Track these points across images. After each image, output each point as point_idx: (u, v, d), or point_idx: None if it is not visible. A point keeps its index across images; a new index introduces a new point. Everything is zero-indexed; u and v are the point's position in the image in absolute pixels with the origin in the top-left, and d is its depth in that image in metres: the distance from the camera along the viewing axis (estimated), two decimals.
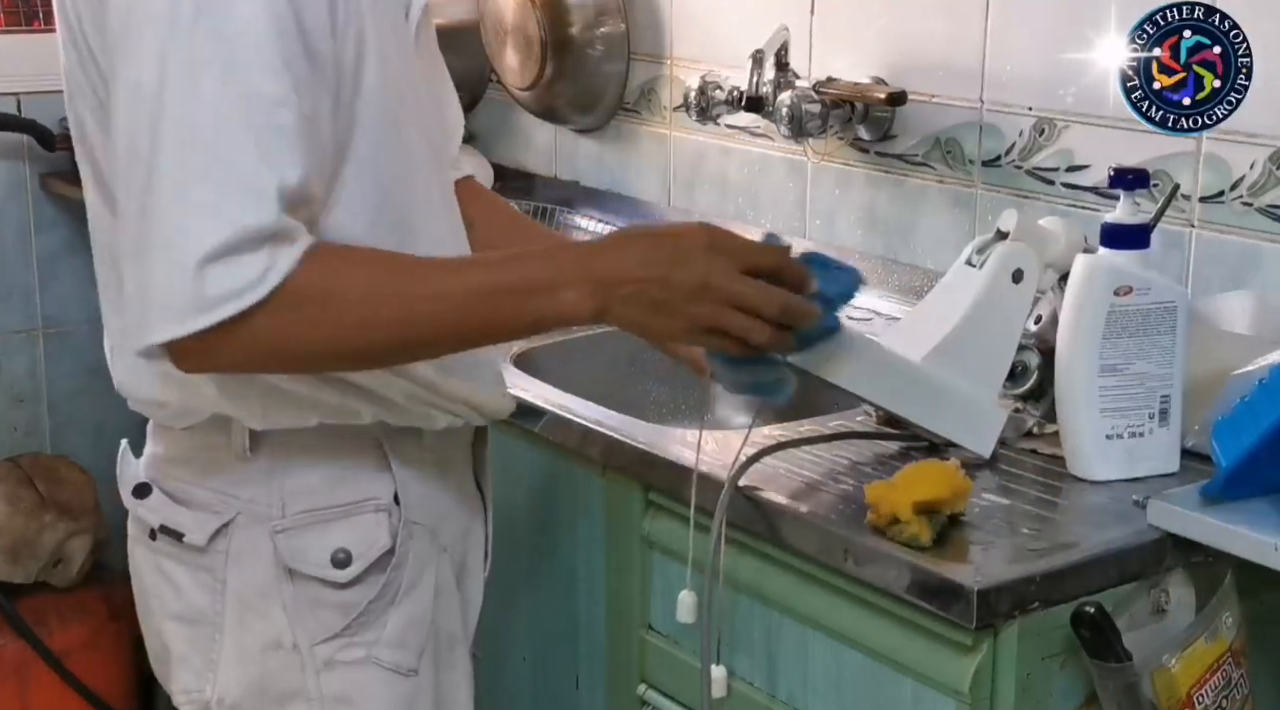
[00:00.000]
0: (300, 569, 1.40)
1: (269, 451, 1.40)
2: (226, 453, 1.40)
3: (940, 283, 1.67)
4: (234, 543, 1.41)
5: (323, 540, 1.40)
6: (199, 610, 1.43)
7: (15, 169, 2.89)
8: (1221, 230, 1.80)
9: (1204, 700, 1.40)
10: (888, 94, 2.11)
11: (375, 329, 1.26)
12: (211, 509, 1.41)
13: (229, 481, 1.41)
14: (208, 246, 1.19)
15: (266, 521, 1.40)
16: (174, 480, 1.44)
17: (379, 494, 1.42)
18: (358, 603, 1.42)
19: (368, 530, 1.42)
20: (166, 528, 1.43)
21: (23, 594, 2.70)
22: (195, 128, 1.21)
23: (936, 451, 1.58)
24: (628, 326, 1.29)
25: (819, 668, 1.51)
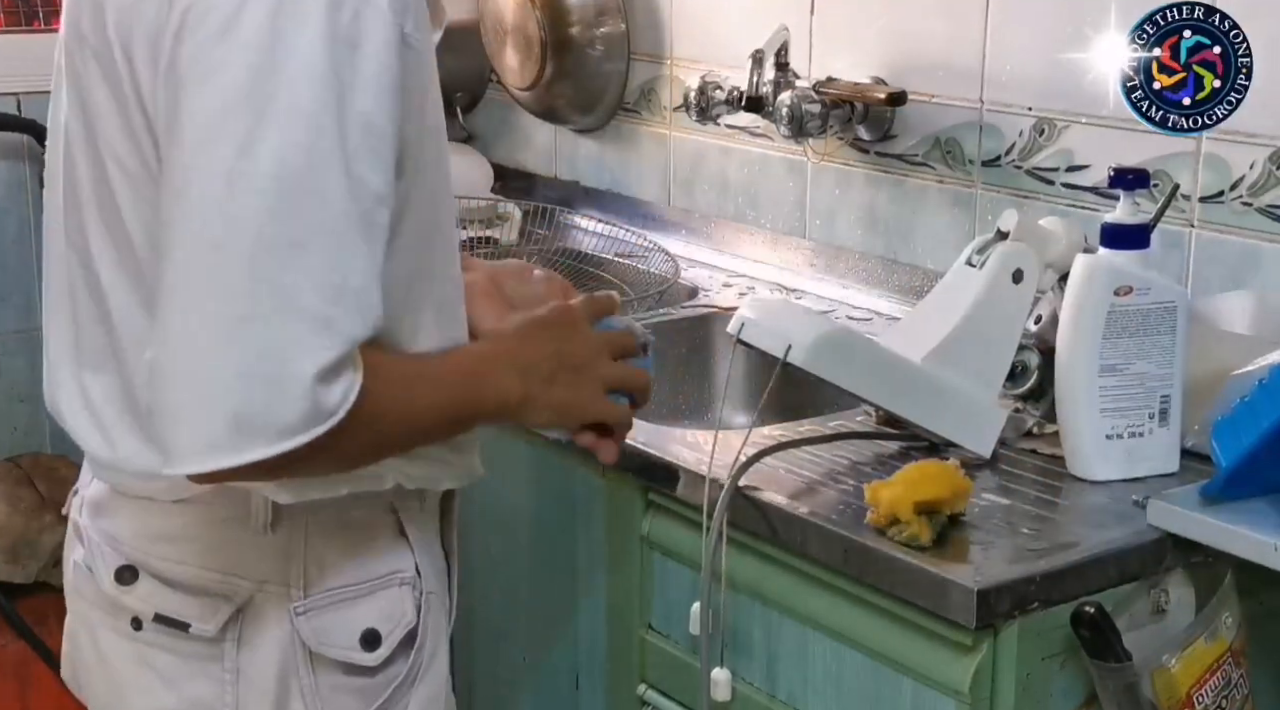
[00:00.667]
0: (326, 653, 1.28)
1: (288, 525, 1.27)
2: (240, 529, 1.27)
3: (940, 283, 1.67)
4: (246, 628, 1.28)
5: (349, 620, 1.29)
6: (204, 703, 1.29)
7: (15, 169, 2.89)
8: (1221, 230, 1.80)
9: (1204, 700, 1.40)
10: (888, 94, 2.11)
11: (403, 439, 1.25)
12: (220, 594, 1.27)
13: (239, 561, 1.27)
14: (323, 362, 1.09)
15: (286, 603, 1.27)
16: (164, 561, 1.28)
17: (402, 567, 1.32)
18: (383, 686, 1.31)
19: (394, 606, 1.31)
20: (164, 617, 1.28)
21: (23, 594, 2.70)
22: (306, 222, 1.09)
23: (936, 451, 1.58)
24: (547, 409, 1.31)
25: (819, 668, 1.51)
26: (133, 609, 1.30)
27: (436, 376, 1.26)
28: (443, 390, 1.26)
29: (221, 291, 1.09)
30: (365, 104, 1.11)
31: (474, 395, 1.28)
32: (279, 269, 1.09)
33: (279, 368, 1.09)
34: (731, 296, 2.30)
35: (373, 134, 1.12)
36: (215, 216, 1.09)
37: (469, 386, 1.28)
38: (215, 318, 1.09)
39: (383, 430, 1.19)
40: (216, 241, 1.09)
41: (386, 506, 1.32)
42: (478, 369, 1.30)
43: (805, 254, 2.32)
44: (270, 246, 1.08)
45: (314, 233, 1.09)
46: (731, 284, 2.35)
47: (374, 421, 1.17)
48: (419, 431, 1.25)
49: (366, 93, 1.11)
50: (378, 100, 1.12)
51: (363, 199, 1.11)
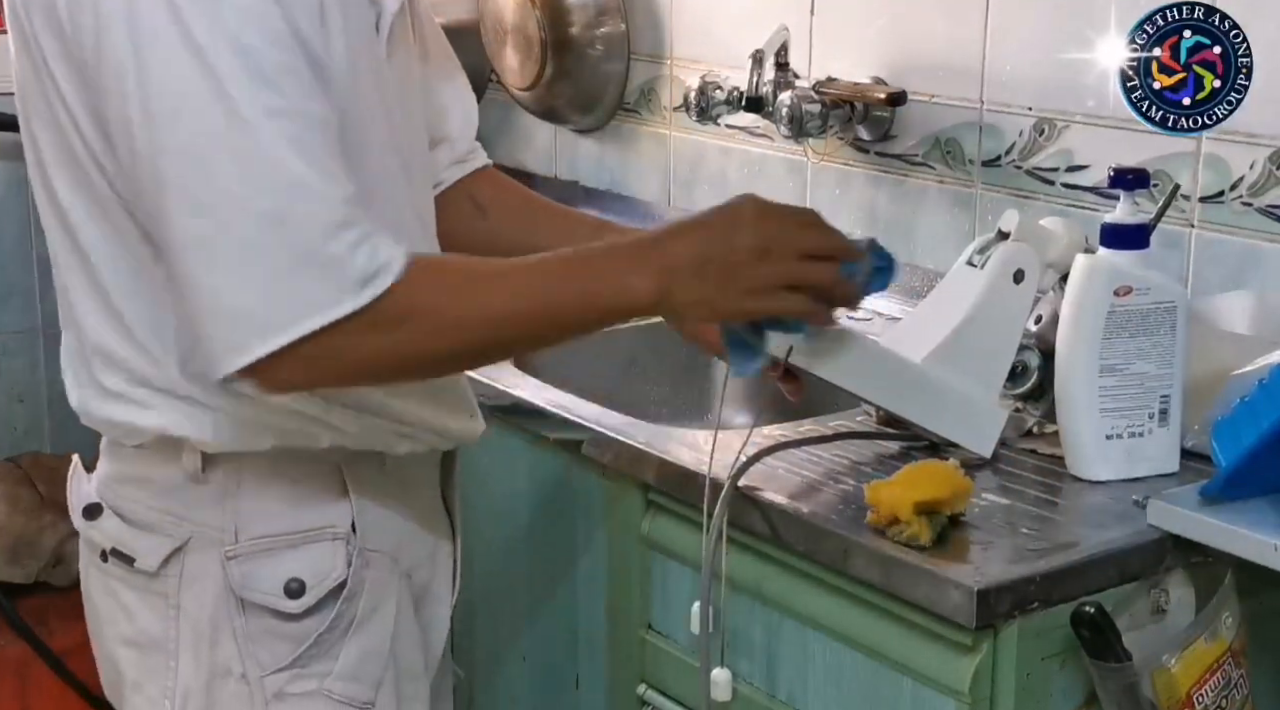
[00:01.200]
0: (251, 598, 1.35)
1: (222, 474, 1.35)
2: (179, 474, 1.36)
3: (941, 283, 1.67)
4: (187, 568, 1.36)
5: (275, 569, 1.36)
6: (152, 636, 1.39)
7: (15, 169, 2.88)
8: (1221, 230, 1.80)
9: (1204, 700, 1.40)
10: (888, 94, 2.11)
11: (465, 337, 1.26)
12: (164, 532, 1.36)
13: (181, 504, 1.36)
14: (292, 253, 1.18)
15: (219, 547, 1.35)
16: (126, 501, 1.40)
17: (336, 522, 1.38)
18: (309, 633, 1.37)
19: (322, 559, 1.37)
20: (118, 551, 1.39)
21: (23, 594, 2.70)
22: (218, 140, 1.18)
23: (937, 451, 1.58)
24: (692, 307, 1.29)
25: (819, 668, 1.51)
26: (97, 542, 1.41)
27: (524, 271, 1.27)
28: (530, 287, 1.27)
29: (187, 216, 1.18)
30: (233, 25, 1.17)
31: (581, 294, 1.27)
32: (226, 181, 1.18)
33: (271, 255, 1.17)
34: None
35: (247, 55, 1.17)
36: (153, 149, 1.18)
37: (573, 284, 1.27)
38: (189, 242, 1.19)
39: (414, 331, 1.22)
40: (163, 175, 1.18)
41: (331, 465, 1.37)
42: (592, 267, 1.29)
43: None
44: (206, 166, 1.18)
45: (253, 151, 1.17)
46: None
47: (405, 319, 1.20)
48: (496, 326, 1.25)
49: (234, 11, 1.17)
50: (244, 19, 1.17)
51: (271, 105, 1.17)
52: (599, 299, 1.28)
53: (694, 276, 1.27)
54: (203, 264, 1.19)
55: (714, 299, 1.29)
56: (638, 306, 1.28)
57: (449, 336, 1.25)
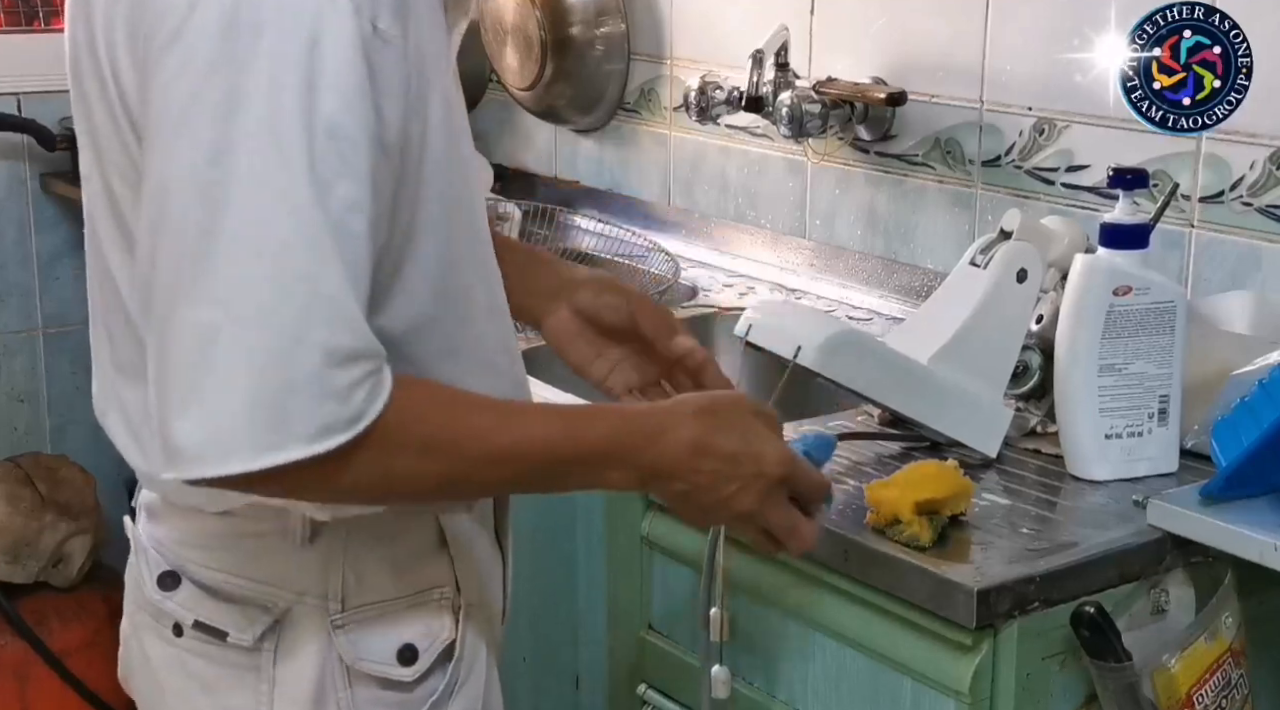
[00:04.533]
0: (363, 668, 1.26)
1: (327, 538, 1.24)
2: (279, 540, 1.24)
3: (944, 283, 1.66)
4: (284, 639, 1.25)
5: (387, 636, 1.27)
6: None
7: (15, 169, 2.89)
8: (1221, 230, 1.80)
9: (1204, 700, 1.40)
10: (888, 94, 2.11)
11: (444, 483, 1.17)
12: (258, 604, 1.25)
13: (278, 573, 1.25)
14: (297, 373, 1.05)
15: (323, 616, 1.25)
16: (206, 569, 1.27)
17: (441, 581, 1.29)
18: (420, 701, 1.28)
19: (433, 622, 1.29)
20: (204, 625, 1.26)
21: (23, 594, 2.70)
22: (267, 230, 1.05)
23: (938, 451, 1.58)
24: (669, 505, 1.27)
25: (819, 668, 1.51)
26: (173, 615, 1.28)
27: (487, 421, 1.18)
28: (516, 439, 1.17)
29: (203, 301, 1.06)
30: (329, 106, 1.05)
31: (556, 470, 1.21)
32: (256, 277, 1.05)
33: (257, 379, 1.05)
34: (732, 296, 2.30)
35: (338, 138, 1.06)
36: (191, 224, 1.06)
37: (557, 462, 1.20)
38: (195, 326, 1.06)
39: (403, 461, 1.12)
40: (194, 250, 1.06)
41: (429, 518, 1.29)
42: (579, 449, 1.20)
43: (805, 254, 2.32)
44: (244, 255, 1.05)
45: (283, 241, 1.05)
46: (731, 284, 2.36)
47: (394, 448, 1.11)
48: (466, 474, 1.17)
49: (330, 94, 1.05)
50: (344, 101, 1.06)
51: (331, 208, 1.06)
52: (575, 477, 1.23)
53: (677, 496, 1.23)
54: (197, 356, 1.06)
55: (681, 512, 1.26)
56: (617, 488, 1.24)
57: (430, 477, 1.15)
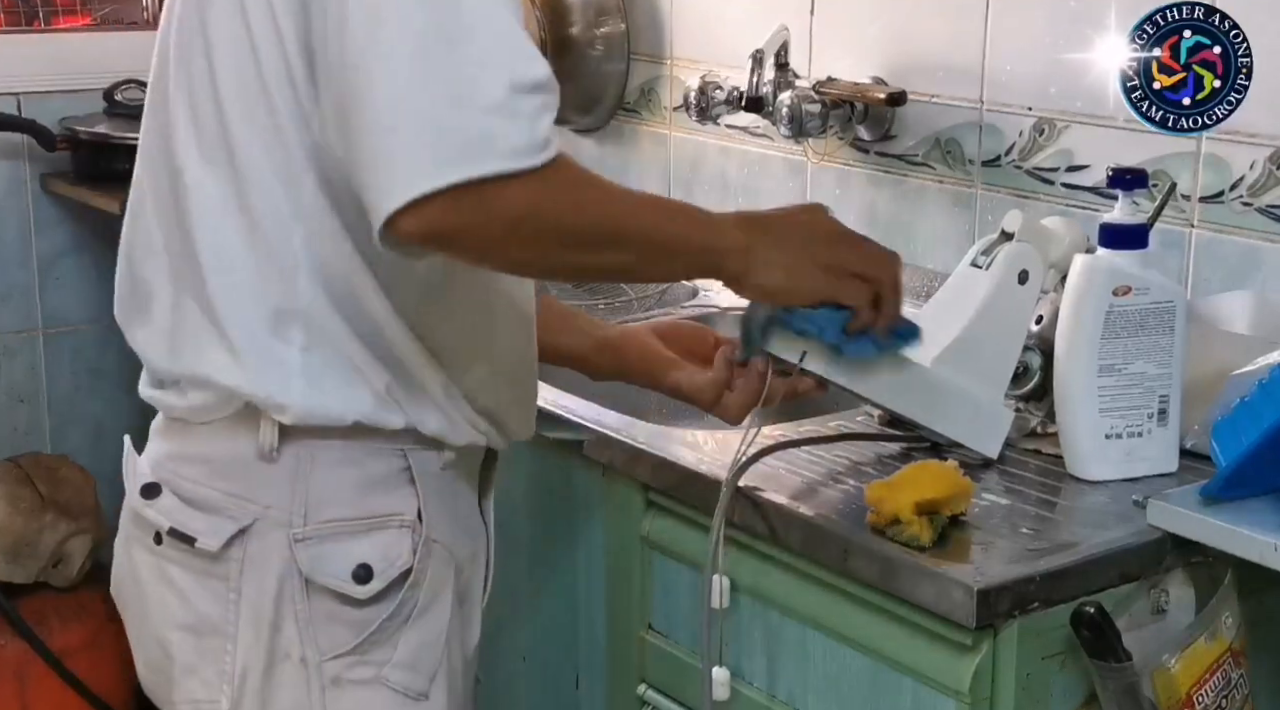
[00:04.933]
0: (319, 581, 1.36)
1: (294, 454, 1.36)
2: (248, 453, 1.36)
3: (946, 284, 1.66)
4: (250, 550, 1.36)
5: (344, 554, 1.36)
6: (210, 620, 1.39)
7: (15, 169, 2.89)
8: (1221, 230, 1.80)
9: (1204, 700, 1.40)
10: (888, 94, 2.11)
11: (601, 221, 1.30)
12: (227, 513, 1.37)
13: (248, 485, 1.37)
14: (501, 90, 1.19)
15: (285, 529, 1.36)
16: (186, 481, 1.39)
17: (403, 509, 1.39)
18: (372, 620, 1.38)
19: (391, 546, 1.38)
20: (176, 532, 1.38)
21: (23, 594, 2.70)
22: None
23: (939, 452, 1.58)
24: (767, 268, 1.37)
25: (819, 668, 1.51)
26: (153, 522, 1.40)
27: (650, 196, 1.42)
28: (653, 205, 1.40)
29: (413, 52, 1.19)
30: None
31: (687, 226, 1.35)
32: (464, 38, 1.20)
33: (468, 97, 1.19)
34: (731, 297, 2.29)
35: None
36: None
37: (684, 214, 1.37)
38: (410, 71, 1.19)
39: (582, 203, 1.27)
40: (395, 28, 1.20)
41: (397, 453, 1.39)
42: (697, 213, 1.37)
43: None
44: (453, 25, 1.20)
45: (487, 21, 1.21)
46: None
47: (578, 186, 1.26)
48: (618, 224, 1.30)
49: None
50: None
51: None
52: (699, 234, 1.35)
53: (776, 244, 1.37)
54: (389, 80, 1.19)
55: (790, 265, 1.37)
56: (727, 250, 1.35)
57: (590, 213, 1.28)
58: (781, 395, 1.49)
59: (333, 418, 1.35)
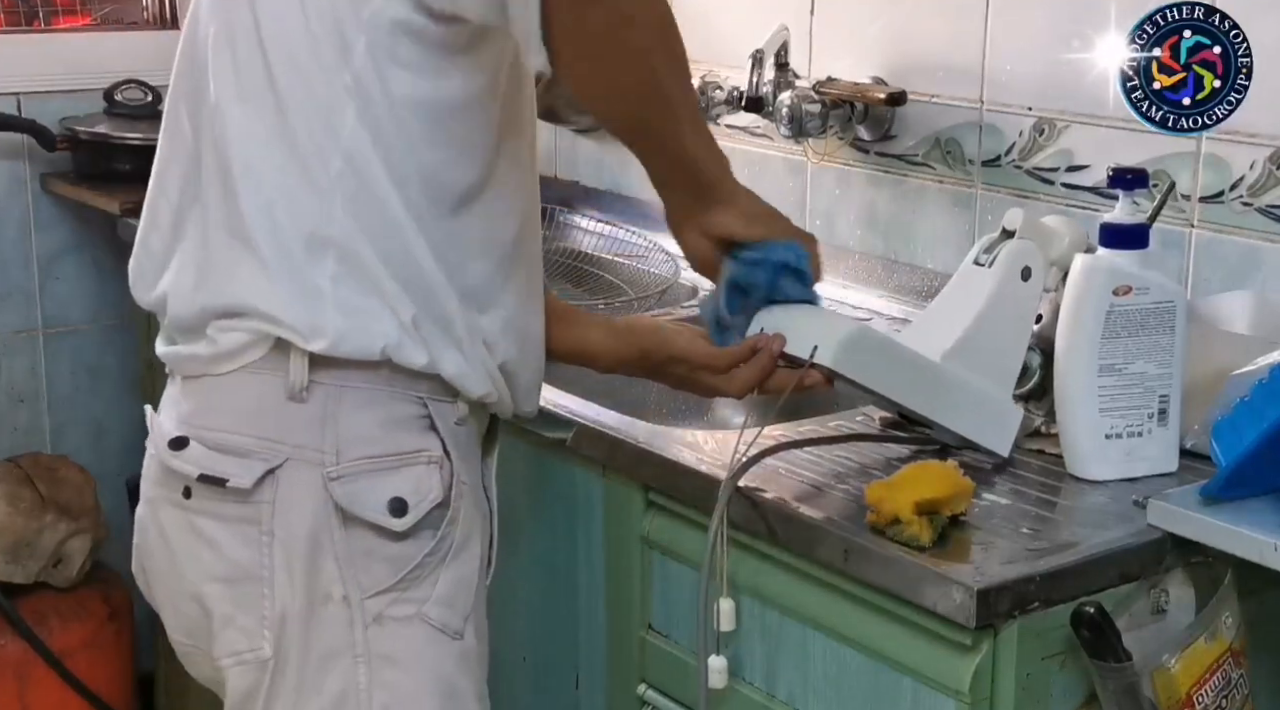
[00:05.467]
0: (359, 513, 1.38)
1: (321, 397, 1.38)
2: (277, 395, 1.38)
3: (949, 283, 1.66)
4: (281, 490, 1.38)
5: (378, 488, 1.39)
6: (244, 568, 1.40)
7: (15, 169, 2.89)
8: (1221, 230, 1.80)
9: (1204, 700, 1.40)
10: (888, 94, 2.11)
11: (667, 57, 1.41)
12: (258, 455, 1.38)
13: (278, 427, 1.39)
14: None
15: (318, 468, 1.38)
16: (213, 431, 1.41)
17: (429, 447, 1.42)
18: (412, 556, 1.40)
19: (422, 480, 1.41)
20: (207, 476, 1.39)
21: (23, 594, 2.70)
22: None
23: (945, 453, 1.58)
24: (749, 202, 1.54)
25: (819, 668, 1.51)
26: (181, 473, 1.41)
27: None
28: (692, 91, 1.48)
29: None
30: None
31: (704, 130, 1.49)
32: None
33: None
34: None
35: None
36: None
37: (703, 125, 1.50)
38: None
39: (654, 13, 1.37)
40: None
41: (418, 400, 1.41)
42: None
43: None
44: None
45: None
46: None
47: None
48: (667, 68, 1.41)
49: None
50: None
51: None
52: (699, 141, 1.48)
53: None
54: None
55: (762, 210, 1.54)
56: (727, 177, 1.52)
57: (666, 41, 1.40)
58: (791, 387, 1.50)
59: (362, 346, 1.37)
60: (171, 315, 1.45)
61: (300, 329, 1.37)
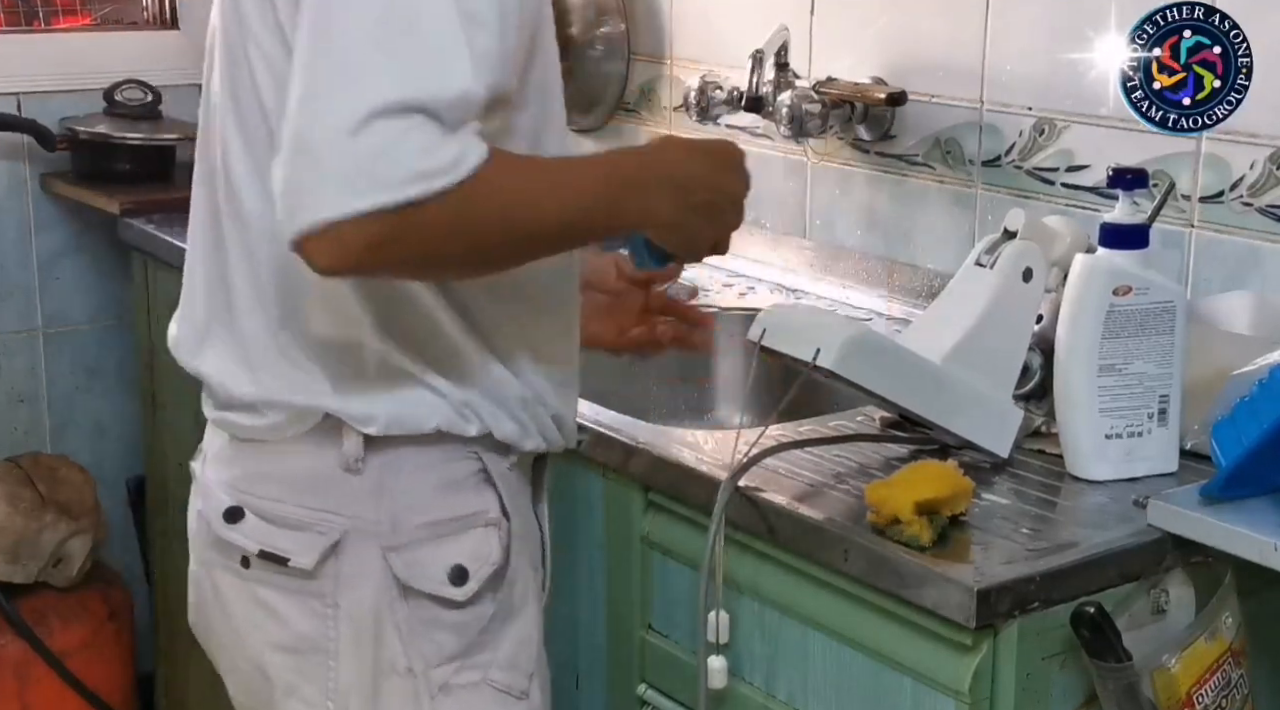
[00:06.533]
0: (419, 586, 1.35)
1: (376, 466, 1.35)
2: (331, 466, 1.35)
3: (951, 284, 1.66)
4: (344, 564, 1.35)
5: (437, 557, 1.36)
6: (309, 639, 1.37)
7: (15, 169, 2.89)
8: (1221, 230, 1.80)
9: (1204, 700, 1.40)
10: (888, 94, 2.11)
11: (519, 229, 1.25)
12: (315, 529, 1.35)
13: (333, 499, 1.35)
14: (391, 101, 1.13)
15: (376, 539, 1.35)
16: (268, 501, 1.37)
17: (486, 507, 1.38)
18: (474, 622, 1.38)
19: (480, 545, 1.37)
20: (267, 553, 1.36)
21: (23, 594, 2.70)
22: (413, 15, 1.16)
23: (945, 453, 1.58)
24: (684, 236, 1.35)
25: (819, 668, 1.51)
26: (240, 546, 1.38)
27: (575, 171, 1.31)
28: (578, 185, 1.29)
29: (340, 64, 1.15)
30: None
31: (615, 202, 1.31)
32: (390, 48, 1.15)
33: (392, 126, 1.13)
34: (732, 296, 2.30)
35: None
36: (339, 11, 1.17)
37: (612, 190, 1.31)
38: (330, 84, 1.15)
39: (498, 208, 1.19)
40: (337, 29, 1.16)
41: (472, 455, 1.38)
42: (629, 176, 1.33)
43: (805, 254, 2.32)
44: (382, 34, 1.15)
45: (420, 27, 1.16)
46: (732, 284, 2.35)
47: (492, 195, 1.18)
48: (536, 225, 1.26)
49: None
50: None
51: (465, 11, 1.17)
52: (625, 219, 1.33)
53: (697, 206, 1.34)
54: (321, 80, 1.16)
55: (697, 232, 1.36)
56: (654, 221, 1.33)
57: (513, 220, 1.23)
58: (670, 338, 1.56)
59: (415, 426, 1.34)
60: (219, 397, 1.42)
61: (353, 415, 1.34)
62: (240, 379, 1.38)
